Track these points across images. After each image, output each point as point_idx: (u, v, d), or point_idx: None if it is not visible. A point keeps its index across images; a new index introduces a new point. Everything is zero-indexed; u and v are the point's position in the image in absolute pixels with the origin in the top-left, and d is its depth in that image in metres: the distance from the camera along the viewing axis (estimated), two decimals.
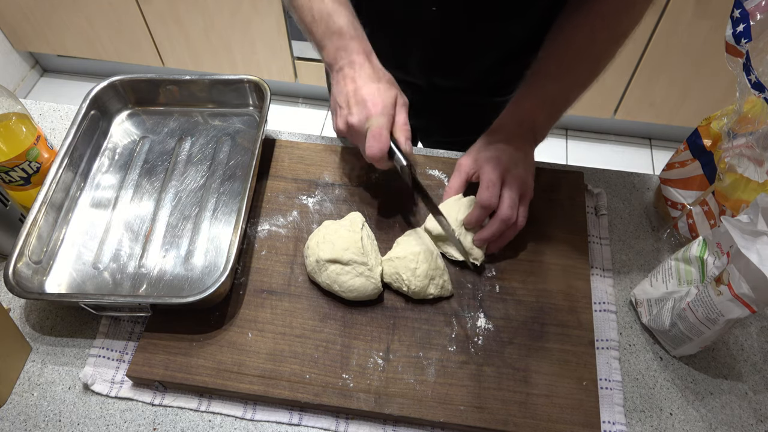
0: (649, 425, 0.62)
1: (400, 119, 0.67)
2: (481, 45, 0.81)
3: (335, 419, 0.62)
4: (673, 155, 0.74)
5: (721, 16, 1.56)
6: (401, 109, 0.67)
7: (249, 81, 0.81)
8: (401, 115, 0.67)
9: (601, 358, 0.65)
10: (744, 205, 0.62)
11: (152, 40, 2.01)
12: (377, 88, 0.66)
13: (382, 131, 0.63)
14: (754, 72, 0.57)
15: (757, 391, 0.64)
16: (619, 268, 0.73)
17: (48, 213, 0.71)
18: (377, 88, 0.66)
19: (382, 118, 0.64)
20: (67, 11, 1.96)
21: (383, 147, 0.63)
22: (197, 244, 0.71)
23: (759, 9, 0.57)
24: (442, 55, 0.83)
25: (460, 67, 0.85)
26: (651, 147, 2.09)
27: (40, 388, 0.64)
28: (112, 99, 0.83)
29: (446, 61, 0.84)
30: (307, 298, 0.67)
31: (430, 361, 0.62)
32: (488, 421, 0.59)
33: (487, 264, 0.70)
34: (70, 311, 0.69)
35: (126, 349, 0.66)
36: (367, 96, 0.65)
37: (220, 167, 0.79)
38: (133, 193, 0.77)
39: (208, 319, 0.65)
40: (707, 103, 1.80)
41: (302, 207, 0.75)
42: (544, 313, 0.66)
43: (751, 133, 0.61)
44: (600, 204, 0.77)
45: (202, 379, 0.62)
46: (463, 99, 0.91)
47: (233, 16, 1.86)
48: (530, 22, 0.77)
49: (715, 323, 0.57)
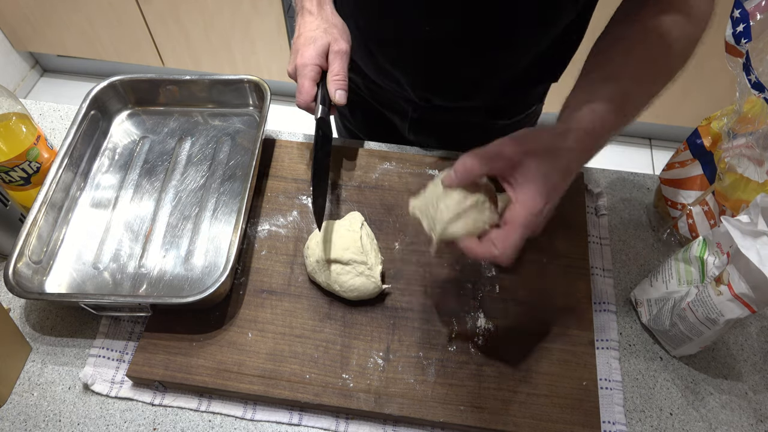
0: (649, 425, 0.62)
1: (333, 68, 0.67)
2: (478, 69, 0.75)
3: (335, 419, 0.62)
4: (673, 155, 0.74)
5: (721, 16, 1.56)
6: (335, 57, 0.67)
7: (249, 81, 0.81)
8: (334, 64, 0.67)
9: (601, 358, 0.65)
10: (744, 205, 0.62)
11: (152, 40, 2.01)
12: (312, 37, 0.67)
13: (304, 83, 0.66)
14: (754, 72, 0.57)
15: (757, 391, 0.64)
16: (619, 268, 0.73)
17: (48, 213, 0.71)
18: (312, 37, 0.67)
19: (306, 69, 0.66)
20: (67, 11, 1.96)
21: (305, 99, 0.66)
22: (197, 244, 0.71)
23: (759, 9, 0.57)
24: (436, 76, 0.77)
25: (456, 89, 0.79)
26: (651, 147, 2.09)
27: (40, 388, 0.64)
28: (112, 99, 0.83)
29: (440, 82, 0.78)
30: (307, 298, 0.67)
31: (430, 361, 0.62)
32: (488, 421, 0.59)
33: (488, 264, 0.69)
34: (70, 311, 0.69)
35: (126, 349, 0.66)
36: (300, 46, 0.67)
37: (220, 167, 0.79)
38: (133, 193, 0.77)
39: (208, 319, 0.65)
40: (707, 103, 1.79)
41: (302, 207, 0.75)
42: (544, 313, 0.66)
43: (751, 133, 0.61)
44: (600, 204, 0.77)
45: (202, 379, 0.62)
46: (464, 119, 0.85)
47: (233, 16, 1.86)
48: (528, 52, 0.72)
49: (715, 323, 0.57)
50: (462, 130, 0.86)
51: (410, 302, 0.66)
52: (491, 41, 0.70)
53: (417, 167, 0.78)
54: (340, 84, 0.67)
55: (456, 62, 0.74)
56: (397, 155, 0.79)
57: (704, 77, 1.73)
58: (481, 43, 0.70)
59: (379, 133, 0.89)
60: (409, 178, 0.77)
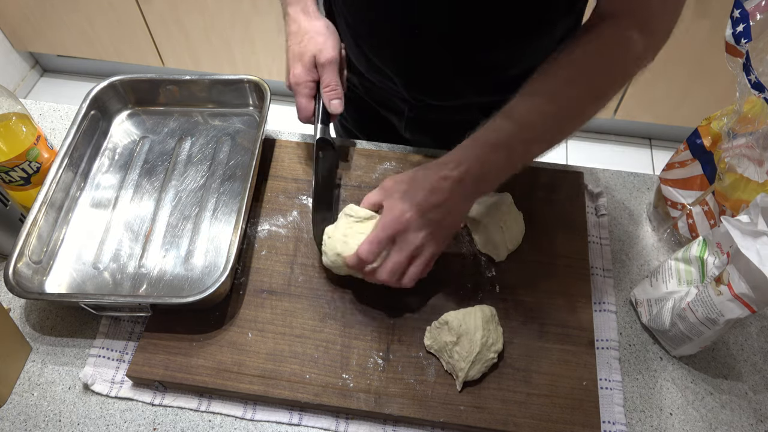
0: (649, 425, 0.62)
1: (324, 79, 0.69)
2: (470, 69, 0.75)
3: (335, 419, 0.62)
4: (673, 155, 0.73)
5: (721, 16, 1.56)
6: (324, 68, 0.68)
7: (249, 81, 0.81)
8: (324, 75, 0.68)
9: (601, 358, 0.65)
10: (744, 205, 0.62)
11: (152, 40, 2.01)
12: (298, 52, 0.68)
13: (301, 101, 0.69)
14: (754, 72, 0.57)
15: (757, 391, 0.64)
16: (619, 268, 0.73)
17: (48, 213, 0.71)
18: (298, 52, 0.68)
19: (299, 87, 0.68)
20: (67, 11, 1.96)
21: (306, 116, 0.69)
22: (197, 244, 0.71)
23: (759, 9, 0.57)
24: (426, 76, 0.77)
25: (448, 89, 0.79)
26: (651, 147, 2.09)
27: (40, 388, 0.64)
28: (112, 99, 0.83)
29: (432, 82, 0.78)
30: (307, 298, 0.67)
31: (430, 361, 0.62)
32: (488, 421, 0.59)
33: (488, 264, 0.69)
34: (70, 311, 0.69)
35: (126, 349, 0.66)
36: (290, 62, 0.68)
37: (220, 167, 0.79)
38: (133, 193, 0.77)
39: (208, 319, 0.65)
40: (707, 103, 1.79)
41: (302, 207, 0.75)
42: (544, 313, 0.66)
43: (751, 133, 0.61)
44: (600, 204, 0.77)
45: (202, 379, 0.62)
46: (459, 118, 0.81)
47: (233, 16, 1.86)
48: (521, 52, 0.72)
49: (715, 323, 0.57)
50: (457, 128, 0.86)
51: (410, 302, 0.66)
52: (482, 42, 0.70)
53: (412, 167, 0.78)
54: (333, 94, 0.69)
55: (448, 62, 0.74)
56: (397, 155, 0.79)
57: (704, 77, 1.73)
58: (472, 43, 0.70)
59: (376, 132, 0.89)
60: None
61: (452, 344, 0.60)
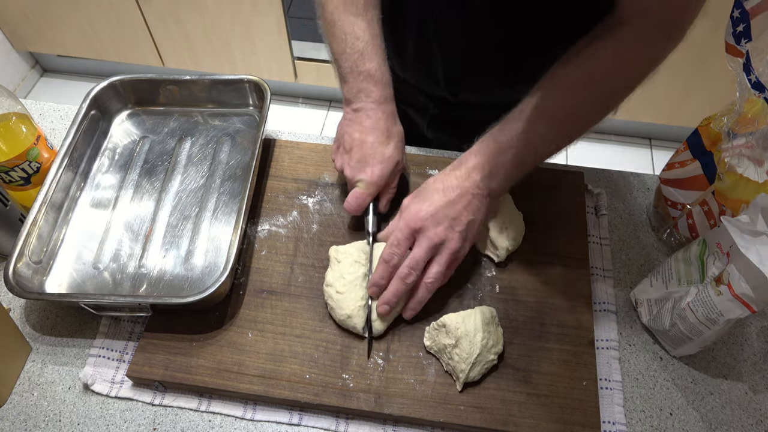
0: (649, 425, 0.62)
1: (392, 183, 0.70)
2: (511, 61, 0.76)
3: (335, 419, 0.62)
4: (673, 155, 0.73)
5: (721, 16, 1.56)
6: (396, 176, 0.70)
7: (249, 81, 0.81)
8: (394, 180, 0.70)
9: (601, 358, 0.65)
10: (744, 205, 0.62)
11: (152, 40, 2.01)
12: (382, 153, 0.67)
13: (365, 197, 0.68)
14: (754, 72, 0.57)
15: (757, 391, 0.64)
16: (619, 268, 0.73)
17: (48, 213, 0.71)
18: (382, 153, 0.67)
19: (372, 187, 0.67)
20: (67, 11, 1.96)
21: (359, 208, 0.68)
22: (197, 244, 0.71)
23: (759, 9, 0.57)
24: (469, 70, 0.79)
25: (489, 83, 0.81)
26: (651, 147, 2.09)
27: (40, 388, 0.64)
28: (112, 99, 0.83)
29: (473, 76, 0.80)
30: (307, 298, 0.67)
31: (430, 362, 0.62)
32: (488, 421, 0.59)
33: (488, 264, 0.70)
34: (70, 311, 0.69)
35: (126, 349, 0.66)
36: (369, 158, 0.67)
37: (220, 167, 0.79)
38: (133, 193, 0.77)
39: (208, 319, 0.65)
40: (707, 103, 1.79)
41: (302, 207, 0.75)
42: (544, 313, 0.66)
43: (751, 133, 0.60)
44: (600, 204, 0.77)
45: (202, 379, 0.62)
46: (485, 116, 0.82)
47: (233, 16, 1.86)
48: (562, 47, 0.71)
49: (715, 323, 0.57)
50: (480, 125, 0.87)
51: None
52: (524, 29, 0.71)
53: (417, 167, 0.78)
54: (392, 195, 0.71)
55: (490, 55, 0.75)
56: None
57: (704, 77, 1.73)
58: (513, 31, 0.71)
59: None
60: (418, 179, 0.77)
61: (451, 346, 0.60)
